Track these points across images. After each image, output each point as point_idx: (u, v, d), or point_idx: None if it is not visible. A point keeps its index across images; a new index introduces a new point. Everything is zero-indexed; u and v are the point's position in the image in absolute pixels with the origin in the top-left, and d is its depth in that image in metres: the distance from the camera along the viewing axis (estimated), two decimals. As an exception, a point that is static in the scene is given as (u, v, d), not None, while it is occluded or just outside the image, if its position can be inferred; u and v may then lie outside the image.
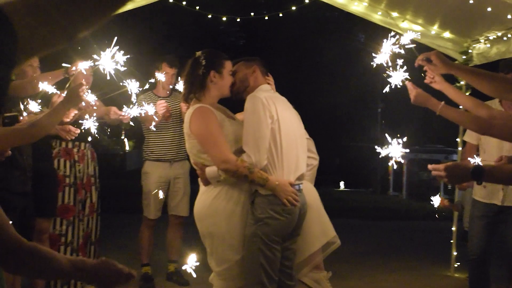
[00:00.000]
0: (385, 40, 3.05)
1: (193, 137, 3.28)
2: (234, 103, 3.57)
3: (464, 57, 5.96)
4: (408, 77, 3.06)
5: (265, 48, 18.65)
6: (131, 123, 5.25)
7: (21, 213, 3.82)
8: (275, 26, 16.94)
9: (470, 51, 5.94)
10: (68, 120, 4.15)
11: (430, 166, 2.49)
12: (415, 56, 2.97)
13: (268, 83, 3.58)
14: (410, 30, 3.14)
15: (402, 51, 3.00)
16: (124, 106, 4.34)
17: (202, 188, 3.38)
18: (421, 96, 3.03)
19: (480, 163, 2.71)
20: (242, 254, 3.23)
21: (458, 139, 6.11)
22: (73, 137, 4.47)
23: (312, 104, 19.82)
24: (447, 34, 5.95)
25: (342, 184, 21.74)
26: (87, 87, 4.60)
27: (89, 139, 4.65)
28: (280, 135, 3.26)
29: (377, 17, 5.98)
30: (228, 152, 3.17)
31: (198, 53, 3.42)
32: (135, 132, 5.66)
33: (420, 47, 3.32)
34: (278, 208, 3.20)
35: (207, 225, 3.28)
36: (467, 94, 4.89)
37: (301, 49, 20.03)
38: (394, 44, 3.00)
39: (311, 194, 3.66)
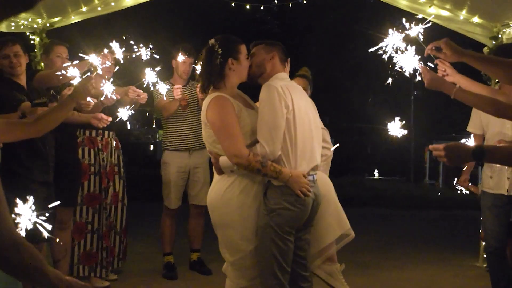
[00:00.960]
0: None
1: (210, 126, 3.24)
2: (254, 90, 3.48)
3: (494, 42, 5.79)
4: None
5: (299, 36, 18.49)
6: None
7: (43, 202, 3.88)
8: (310, 13, 16.76)
9: (500, 36, 5.76)
10: (89, 109, 4.21)
11: (431, 146, 2.43)
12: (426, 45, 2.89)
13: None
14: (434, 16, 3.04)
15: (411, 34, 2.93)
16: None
17: (216, 177, 3.36)
18: (435, 80, 2.95)
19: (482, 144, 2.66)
20: (255, 244, 3.21)
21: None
22: (105, 125, 4.53)
23: (346, 90, 19.63)
24: (476, 19, 5.78)
25: (376, 172, 21.45)
26: (108, 77, 4.67)
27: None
28: (295, 125, 3.20)
29: (403, 3, 5.85)
30: (241, 146, 3.10)
31: (212, 41, 3.30)
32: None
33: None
34: (291, 198, 3.16)
35: (220, 215, 3.27)
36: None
37: (336, 36, 19.77)
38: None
39: (325, 185, 3.61)
